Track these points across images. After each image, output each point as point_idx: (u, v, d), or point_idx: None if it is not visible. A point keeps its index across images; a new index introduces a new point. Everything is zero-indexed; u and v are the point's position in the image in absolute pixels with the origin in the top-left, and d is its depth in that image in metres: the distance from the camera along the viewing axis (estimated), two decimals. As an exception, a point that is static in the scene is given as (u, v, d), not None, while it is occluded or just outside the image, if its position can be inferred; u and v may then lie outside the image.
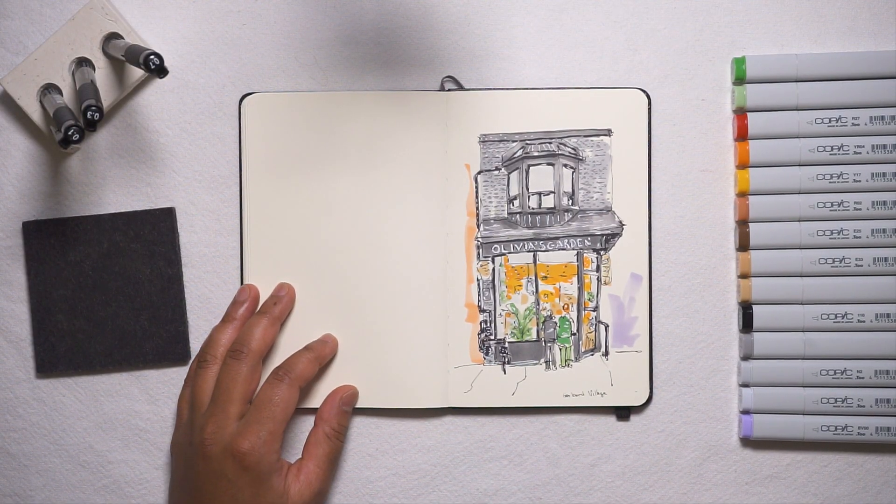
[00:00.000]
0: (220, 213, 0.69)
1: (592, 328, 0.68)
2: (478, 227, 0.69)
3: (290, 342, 0.68)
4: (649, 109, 0.68)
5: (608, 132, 0.68)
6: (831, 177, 0.67)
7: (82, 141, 0.62)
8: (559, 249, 0.69)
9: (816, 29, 0.69)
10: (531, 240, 0.69)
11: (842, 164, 0.67)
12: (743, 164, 0.68)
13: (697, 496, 0.69)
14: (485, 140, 0.68)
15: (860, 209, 0.67)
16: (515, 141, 0.68)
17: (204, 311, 0.69)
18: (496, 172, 0.68)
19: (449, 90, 0.68)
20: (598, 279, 0.68)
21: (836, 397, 0.67)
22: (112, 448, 0.70)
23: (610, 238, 0.68)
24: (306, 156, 0.68)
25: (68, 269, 0.69)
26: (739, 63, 0.67)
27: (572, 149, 0.68)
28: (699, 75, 0.69)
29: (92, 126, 0.59)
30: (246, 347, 0.65)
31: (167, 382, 0.70)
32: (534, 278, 0.69)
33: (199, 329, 0.69)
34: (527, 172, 0.68)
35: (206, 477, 0.63)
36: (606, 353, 0.68)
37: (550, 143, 0.68)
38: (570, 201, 0.68)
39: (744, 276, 0.68)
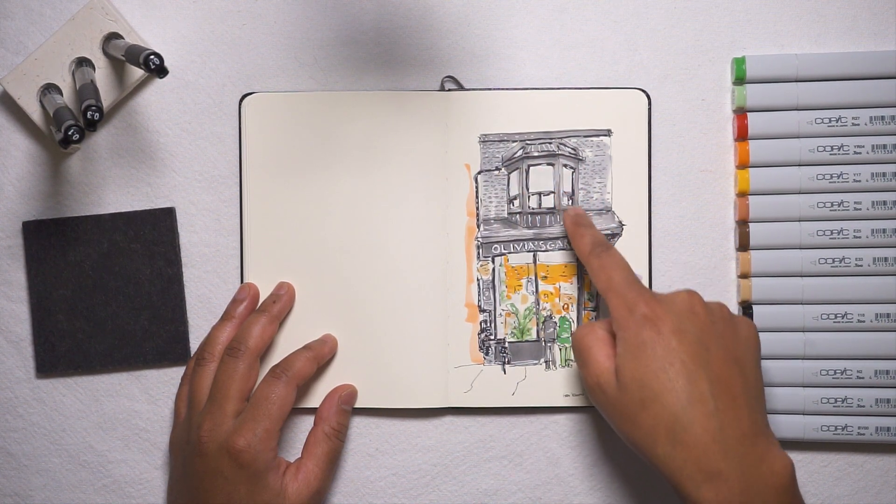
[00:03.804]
0: (220, 213, 0.69)
1: (592, 328, 0.68)
2: (478, 227, 0.69)
3: (290, 341, 0.68)
4: (649, 109, 0.68)
5: (608, 132, 0.68)
6: (831, 177, 0.67)
7: (82, 141, 0.62)
8: (559, 249, 0.69)
9: (816, 29, 0.68)
10: (531, 240, 0.69)
11: (842, 164, 0.67)
12: (743, 164, 0.68)
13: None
14: (485, 140, 0.68)
15: (860, 209, 0.67)
16: (515, 141, 0.68)
17: (204, 311, 0.69)
18: (496, 172, 0.68)
19: (449, 90, 0.68)
20: (598, 279, 0.68)
21: (836, 397, 0.67)
22: (112, 448, 0.70)
23: (610, 238, 0.68)
24: (306, 156, 0.68)
25: (68, 269, 0.69)
26: (739, 63, 0.67)
27: (572, 149, 0.68)
28: (699, 75, 0.69)
29: (92, 126, 0.59)
30: (243, 345, 0.65)
31: (167, 382, 0.70)
32: (534, 278, 0.69)
33: (199, 329, 0.69)
34: (527, 172, 0.68)
35: (203, 474, 0.63)
36: (606, 353, 0.68)
37: (550, 143, 0.68)
38: (570, 201, 0.68)
39: (744, 276, 0.68)
